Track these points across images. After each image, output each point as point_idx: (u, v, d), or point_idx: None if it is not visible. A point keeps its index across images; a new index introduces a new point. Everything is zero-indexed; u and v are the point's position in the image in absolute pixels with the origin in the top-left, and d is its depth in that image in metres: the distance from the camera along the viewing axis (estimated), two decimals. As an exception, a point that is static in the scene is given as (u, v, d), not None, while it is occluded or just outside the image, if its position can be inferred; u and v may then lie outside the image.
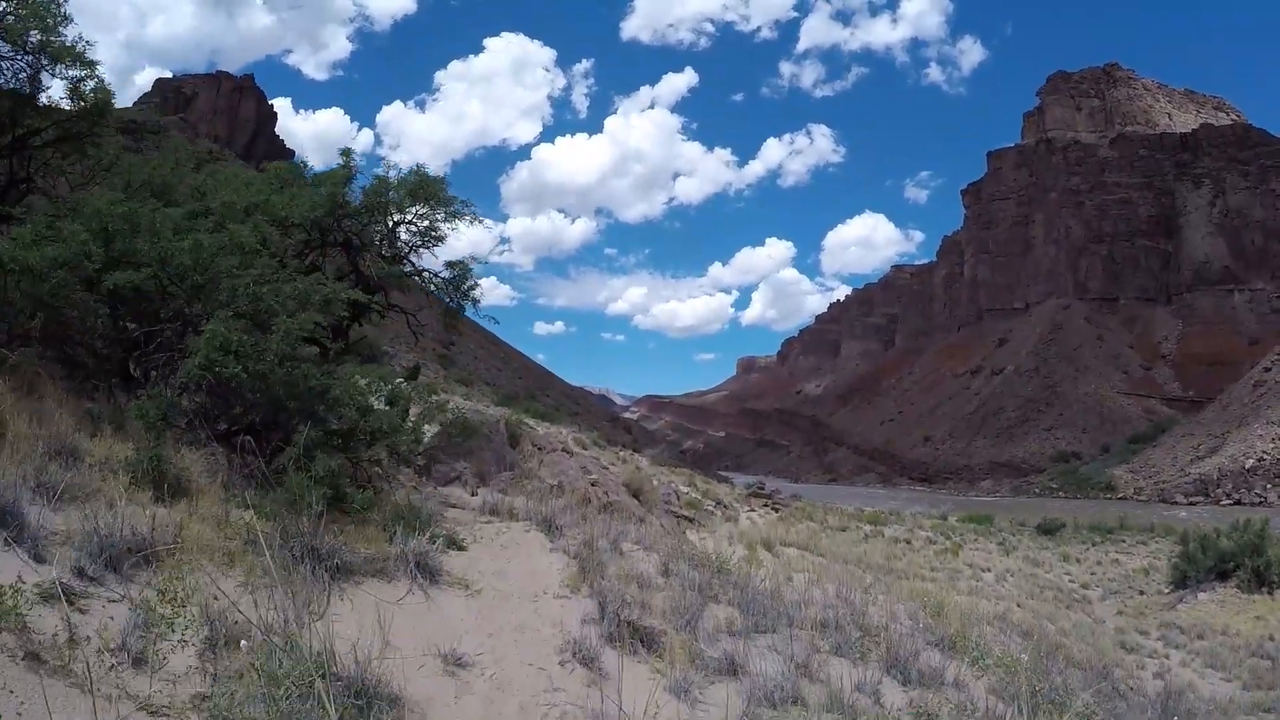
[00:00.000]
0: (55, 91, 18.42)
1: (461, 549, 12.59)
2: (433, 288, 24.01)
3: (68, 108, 18.64)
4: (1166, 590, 44.24)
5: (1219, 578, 41.42)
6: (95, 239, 13.02)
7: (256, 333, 12.33)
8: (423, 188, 22.24)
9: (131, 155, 21.28)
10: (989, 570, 46.32)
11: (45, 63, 17.40)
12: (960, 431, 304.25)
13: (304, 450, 11.61)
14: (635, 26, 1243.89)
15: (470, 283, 23.90)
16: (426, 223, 22.91)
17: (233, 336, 11.68)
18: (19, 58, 17.32)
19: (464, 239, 24.94)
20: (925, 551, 51.50)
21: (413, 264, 23.65)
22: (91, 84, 18.01)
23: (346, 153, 22.27)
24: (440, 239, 23.16)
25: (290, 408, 12.58)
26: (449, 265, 23.88)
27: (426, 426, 20.14)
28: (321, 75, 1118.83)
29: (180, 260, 13.05)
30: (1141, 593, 45.52)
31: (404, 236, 23.31)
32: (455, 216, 22.94)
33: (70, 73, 17.70)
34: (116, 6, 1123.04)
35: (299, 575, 8.98)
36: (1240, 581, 39.91)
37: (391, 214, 22.77)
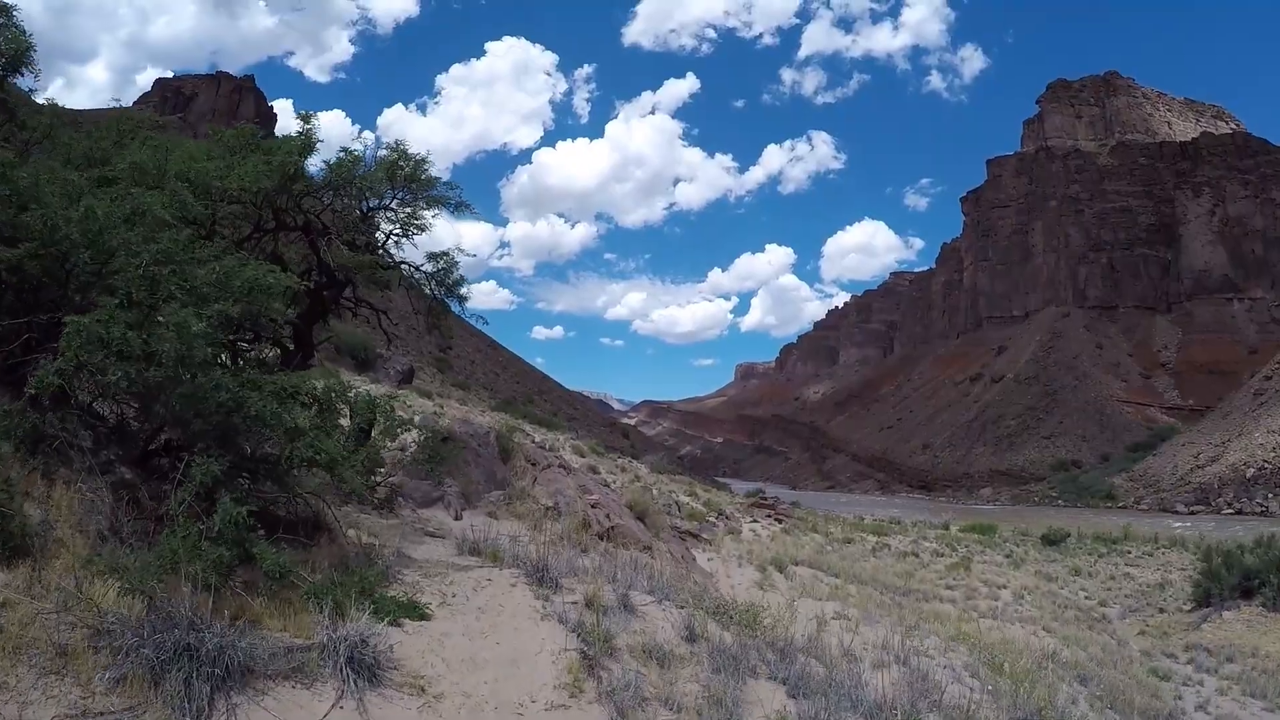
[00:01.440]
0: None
1: (424, 617, 9.54)
2: (413, 281, 21.05)
3: None
4: (1188, 608, 41.50)
5: (1243, 595, 38.80)
6: None
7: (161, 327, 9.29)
8: (401, 166, 19.29)
9: (72, 129, 18.59)
10: (1005, 587, 43.66)
11: None
12: (959, 439, 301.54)
13: (202, 489, 8.71)
14: (637, 32, 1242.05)
15: (456, 275, 20.94)
16: (408, 210, 19.94)
17: (113, 331, 8.76)
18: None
19: (466, 240, 21.60)
20: (935, 565, 49.02)
21: (390, 255, 20.61)
22: (8, 32, 15.38)
23: (306, 117, 18.66)
24: (422, 227, 20.18)
25: (195, 428, 9.68)
26: (431, 257, 20.88)
27: (407, 437, 17.37)
28: (323, 77, 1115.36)
29: (66, 233, 10.09)
30: (1162, 610, 42.76)
31: (384, 226, 20.36)
32: (437, 202, 20.00)
33: None
34: (118, 5, 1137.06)
35: (166, 687, 6.21)
36: (1266, 599, 37.28)
37: (367, 198, 19.80)
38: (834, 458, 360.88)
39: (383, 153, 19.71)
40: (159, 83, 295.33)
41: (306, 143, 18.07)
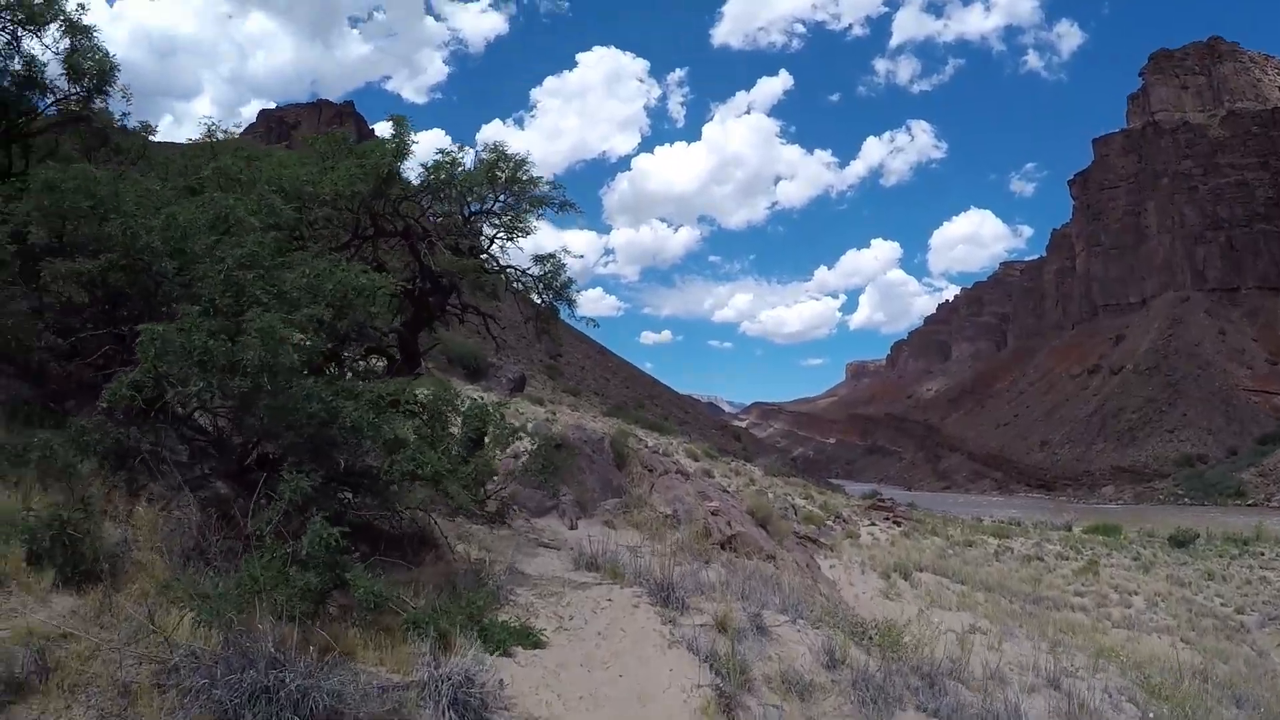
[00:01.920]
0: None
1: (539, 645, 8.70)
2: (519, 286, 20.44)
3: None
4: (1331, 615, 39.35)
5: (1389, 600, 36.92)
6: (42, 218, 9.73)
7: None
8: (500, 167, 18.71)
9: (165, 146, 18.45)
10: (1136, 593, 41.68)
11: (22, 23, 14.60)
12: (1078, 435, 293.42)
13: (292, 507, 7.97)
14: (725, 32, 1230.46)
15: (564, 278, 20.37)
16: (511, 213, 19.39)
17: (194, 339, 8.11)
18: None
19: (571, 249, 20.72)
20: (1062, 570, 47.02)
21: (495, 260, 20.10)
22: (90, 54, 15.24)
23: (400, 120, 18.21)
24: (526, 230, 19.64)
25: (287, 441, 8.97)
26: (538, 259, 20.37)
27: (520, 444, 16.60)
28: (420, 99, 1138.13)
29: (147, 241, 9.53)
30: (1304, 618, 40.62)
31: (487, 230, 19.86)
32: (541, 203, 19.43)
33: (61, 42, 14.99)
34: (218, 43, 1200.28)
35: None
36: None
37: (468, 202, 19.30)
38: (949, 457, 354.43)
39: (483, 155, 19.17)
40: (263, 113, 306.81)
41: (400, 145, 17.55)
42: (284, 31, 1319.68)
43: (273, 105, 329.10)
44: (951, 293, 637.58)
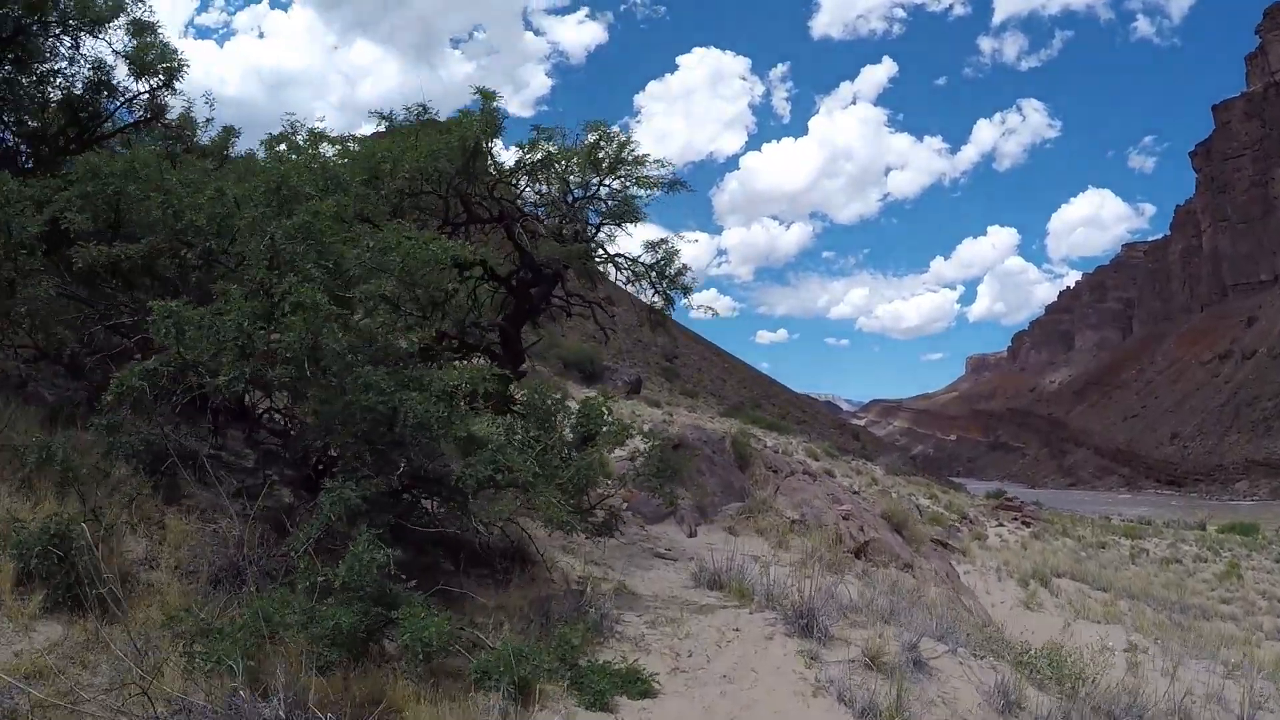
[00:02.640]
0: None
1: (648, 693, 7.01)
2: (629, 275, 19.11)
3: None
4: None
5: None
6: (84, 204, 8.96)
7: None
8: (603, 147, 17.45)
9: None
10: (1285, 599, 39.57)
11: (82, 25, 14.52)
12: (1210, 426, 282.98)
13: (339, 520, 6.65)
14: (824, 23, 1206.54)
15: (678, 265, 19.05)
16: (618, 200, 18.32)
17: (225, 322, 6.92)
18: (48, 32, 14.47)
19: (683, 251, 19.33)
20: (1202, 574, 45.18)
21: (603, 249, 18.94)
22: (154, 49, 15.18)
23: (488, 94, 16.91)
24: (636, 216, 18.53)
25: (341, 440, 7.68)
26: (650, 246, 19.12)
27: (634, 443, 15.18)
28: (526, 112, 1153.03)
29: (192, 219, 8.54)
30: None
31: (592, 219, 18.78)
32: (649, 184, 18.19)
33: (127, 43, 15.04)
34: (326, 74, 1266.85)
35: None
36: None
37: (570, 187, 18.26)
38: (1075, 452, 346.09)
39: (590, 138, 17.98)
40: (374, 135, 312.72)
41: (489, 120, 16.31)
42: (389, 57, 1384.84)
43: (382, 128, 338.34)
44: (1073, 279, 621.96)
